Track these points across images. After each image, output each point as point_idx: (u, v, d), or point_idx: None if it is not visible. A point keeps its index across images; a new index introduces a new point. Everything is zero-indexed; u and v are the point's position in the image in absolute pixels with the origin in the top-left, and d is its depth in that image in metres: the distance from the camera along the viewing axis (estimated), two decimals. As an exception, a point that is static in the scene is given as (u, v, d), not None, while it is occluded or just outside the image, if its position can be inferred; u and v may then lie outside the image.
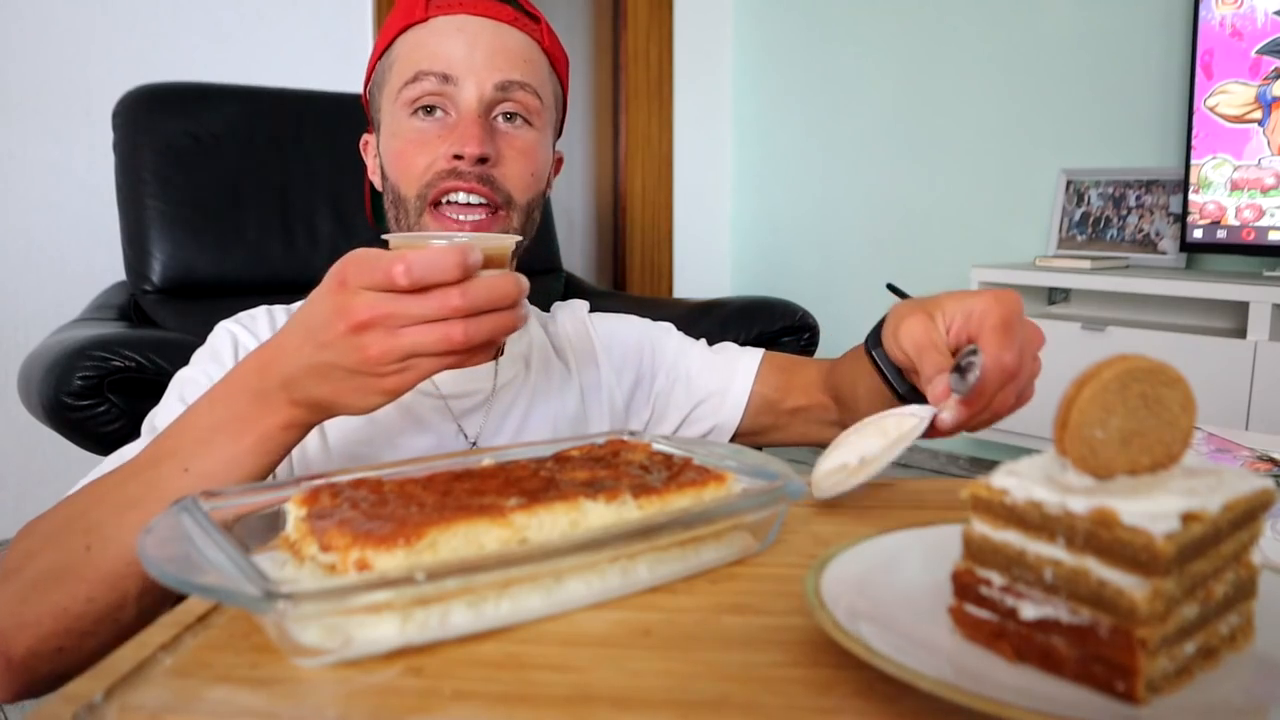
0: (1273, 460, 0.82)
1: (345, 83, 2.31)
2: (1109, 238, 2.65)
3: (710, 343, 1.03)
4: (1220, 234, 2.31)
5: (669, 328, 1.03)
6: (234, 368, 0.64)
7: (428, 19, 0.82)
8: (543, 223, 1.20)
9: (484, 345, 0.57)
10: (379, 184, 0.88)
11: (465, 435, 0.87)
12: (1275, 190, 2.22)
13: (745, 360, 0.97)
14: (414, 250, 0.55)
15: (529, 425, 0.90)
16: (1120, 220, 2.62)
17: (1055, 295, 2.65)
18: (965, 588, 0.42)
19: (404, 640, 0.42)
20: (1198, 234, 2.34)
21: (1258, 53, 2.23)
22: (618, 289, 3.48)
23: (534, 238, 0.88)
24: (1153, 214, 2.57)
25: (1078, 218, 2.71)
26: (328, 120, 1.83)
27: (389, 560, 0.42)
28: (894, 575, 0.47)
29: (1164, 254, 2.54)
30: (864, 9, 3.18)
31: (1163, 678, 0.38)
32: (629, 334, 1.00)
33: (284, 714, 0.38)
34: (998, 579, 0.41)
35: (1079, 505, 0.38)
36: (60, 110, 2.32)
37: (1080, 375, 0.39)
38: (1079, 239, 2.71)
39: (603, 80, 3.67)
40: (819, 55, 3.32)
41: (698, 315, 1.97)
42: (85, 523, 0.62)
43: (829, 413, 0.92)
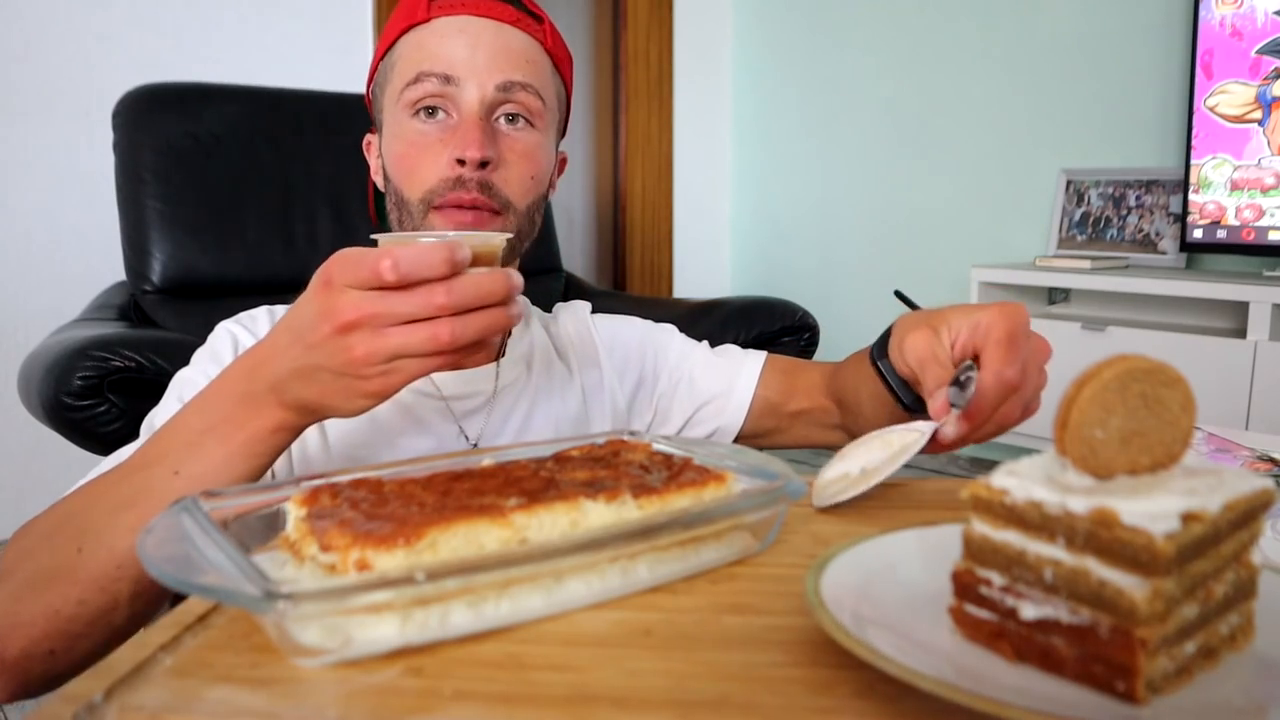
0: (1273, 460, 0.82)
1: (345, 83, 2.31)
2: (1109, 238, 2.65)
3: (711, 343, 1.03)
4: (1220, 234, 2.31)
5: (672, 329, 1.03)
6: (224, 370, 0.64)
7: (430, 19, 0.81)
8: (543, 223, 1.20)
9: (473, 345, 0.56)
10: (381, 185, 0.88)
11: (467, 437, 0.86)
12: (1275, 190, 2.22)
13: (748, 363, 0.97)
14: (402, 246, 0.54)
15: (531, 427, 0.90)
16: (1120, 220, 2.62)
17: (1055, 295, 2.65)
18: (965, 588, 0.42)
19: (404, 640, 0.42)
20: (1198, 234, 2.34)
21: (1258, 53, 2.23)
22: (618, 289, 3.48)
23: (535, 239, 0.88)
24: (1153, 214, 2.57)
25: (1078, 218, 2.71)
26: (328, 120, 1.83)
27: (389, 560, 0.42)
28: (894, 575, 0.47)
29: (1164, 254, 2.54)
30: (864, 9, 3.18)
31: (1163, 678, 0.38)
32: (631, 335, 1.00)
33: (284, 714, 0.38)
34: (998, 579, 0.41)
35: (1079, 505, 0.38)
36: (60, 110, 2.32)
37: (1080, 375, 0.39)
38: (1079, 239, 2.71)
39: (603, 80, 3.68)
40: (819, 55, 3.32)
41: (698, 315, 1.97)
42: (77, 525, 0.62)
43: (831, 416, 0.92)
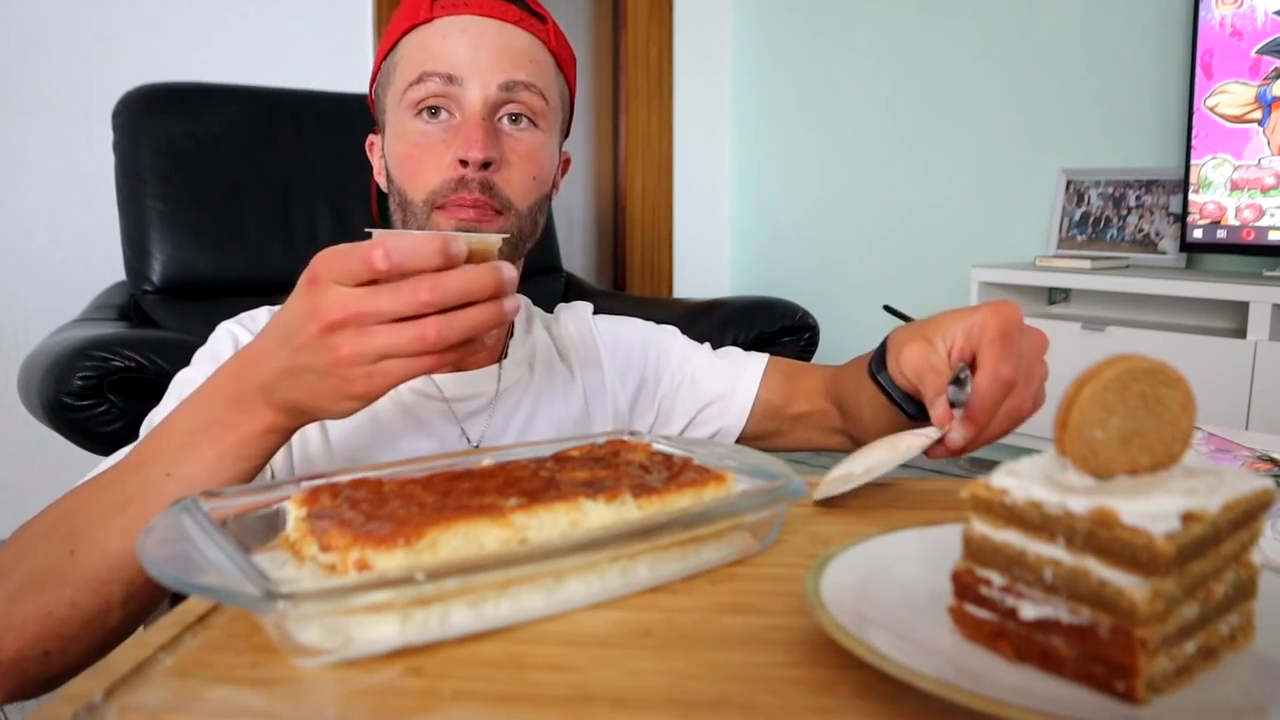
0: (1273, 460, 0.82)
1: (345, 83, 2.31)
2: (1109, 238, 2.65)
3: (711, 344, 1.03)
4: (1220, 234, 2.31)
5: (674, 331, 1.03)
6: (215, 371, 0.63)
7: (432, 19, 0.81)
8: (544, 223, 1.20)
9: (462, 344, 0.55)
10: (385, 186, 0.88)
11: (469, 439, 0.86)
12: (1275, 190, 2.22)
13: (751, 365, 0.97)
14: (395, 235, 0.53)
15: (532, 429, 0.90)
16: (1120, 220, 2.62)
17: (1055, 295, 2.65)
18: (965, 588, 0.42)
19: (404, 640, 0.42)
20: (1198, 234, 2.34)
21: (1258, 53, 2.23)
22: (618, 289, 3.48)
23: (537, 239, 0.88)
24: (1153, 214, 2.57)
25: (1078, 218, 2.71)
26: (328, 120, 1.83)
27: (389, 560, 0.42)
28: (894, 575, 0.47)
29: (1164, 254, 2.54)
30: (864, 9, 3.18)
31: (1163, 678, 0.38)
32: (633, 337, 1.00)
33: (284, 714, 0.38)
34: (998, 579, 0.41)
35: (1079, 505, 0.38)
36: (60, 110, 2.32)
37: (1080, 375, 0.39)
38: (1079, 239, 2.71)
39: (603, 80, 3.68)
40: (819, 55, 3.32)
41: (698, 315, 1.97)
42: (69, 526, 0.62)
43: (832, 420, 0.92)
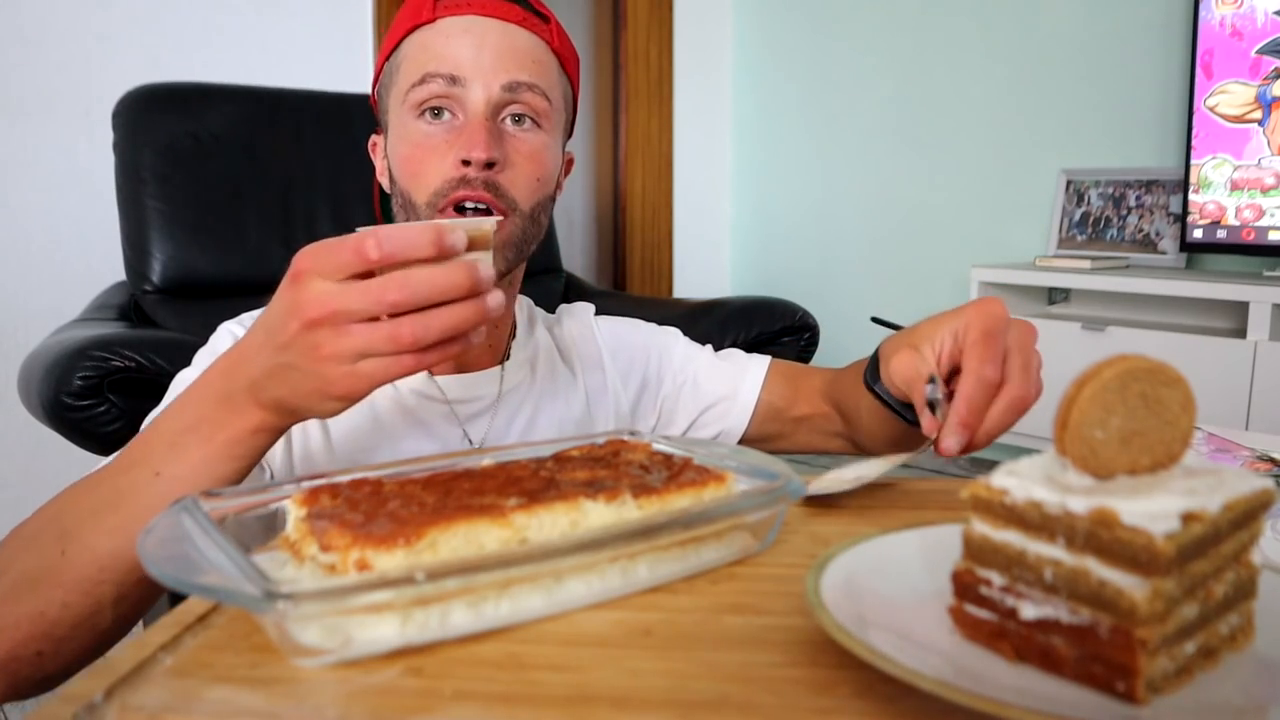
0: (1273, 460, 0.82)
1: (345, 83, 2.31)
2: (1109, 238, 2.64)
3: (710, 343, 1.03)
4: (1220, 234, 2.31)
5: (676, 333, 1.03)
6: (204, 370, 0.63)
7: (435, 20, 0.81)
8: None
9: (444, 344, 0.54)
10: (388, 186, 0.88)
11: (471, 440, 0.86)
12: (1275, 190, 2.22)
13: (753, 367, 0.97)
14: (388, 226, 0.52)
15: (535, 430, 0.90)
16: (1120, 220, 2.62)
17: (1055, 295, 2.65)
18: (965, 588, 0.42)
19: (404, 640, 0.42)
20: (1198, 234, 2.34)
21: (1258, 53, 2.23)
22: (618, 289, 3.48)
23: (541, 240, 0.88)
24: (1153, 214, 2.57)
25: (1078, 218, 2.71)
26: (328, 120, 1.83)
27: (389, 560, 0.42)
28: (894, 575, 0.47)
29: (1164, 254, 2.54)
30: (864, 9, 3.18)
31: (1163, 678, 0.38)
32: (635, 338, 1.00)
33: (284, 714, 0.38)
34: (998, 579, 0.41)
35: (1079, 505, 0.38)
36: (60, 110, 2.32)
37: (1080, 375, 0.39)
38: (1079, 239, 2.70)
39: (603, 80, 3.67)
40: (819, 55, 3.32)
41: (697, 315, 1.97)
42: (60, 527, 0.62)
43: (833, 423, 0.92)
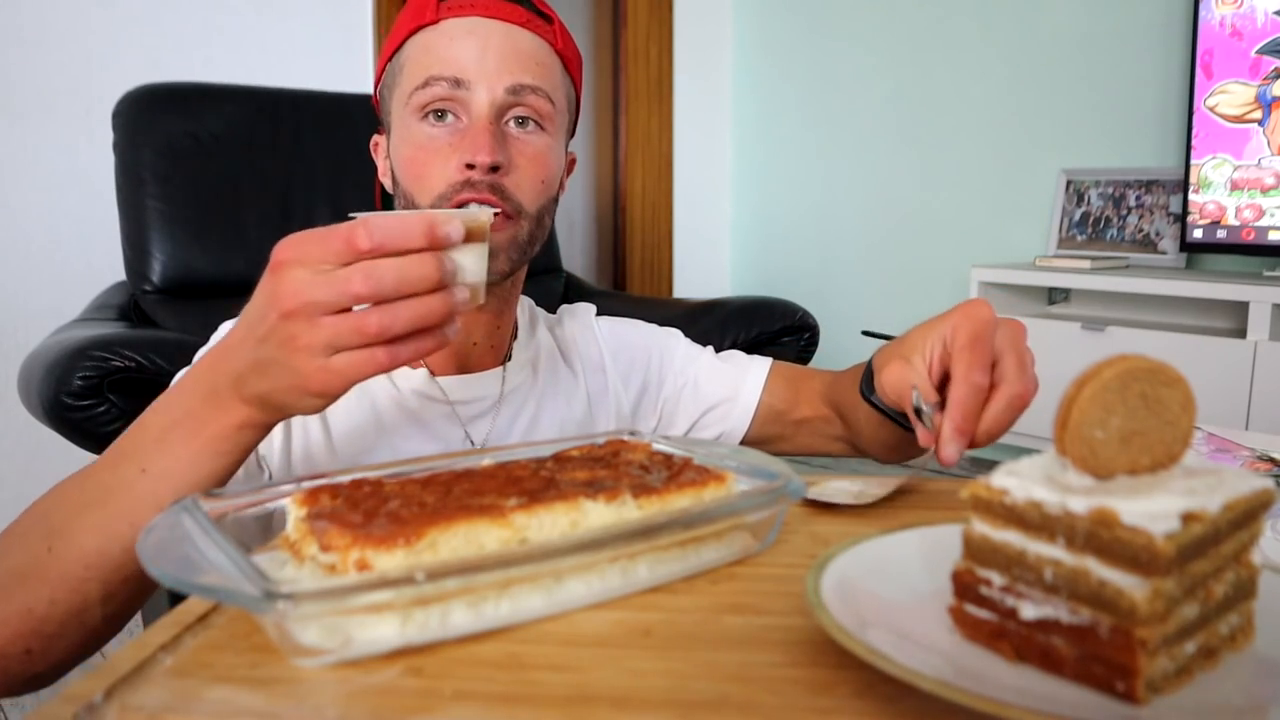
0: (1273, 460, 0.82)
1: (345, 83, 2.31)
2: (1109, 238, 2.65)
3: (710, 343, 1.03)
4: (1220, 234, 2.31)
5: (677, 334, 1.03)
6: (191, 366, 0.62)
7: (438, 21, 0.81)
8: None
9: (415, 338, 0.53)
10: (390, 186, 0.87)
11: (472, 441, 0.86)
12: (1275, 190, 2.22)
13: (754, 369, 0.97)
14: (380, 215, 0.51)
15: (536, 431, 0.90)
16: (1120, 220, 2.62)
17: (1055, 295, 2.65)
18: (965, 588, 0.42)
19: (404, 640, 0.42)
20: (1198, 234, 2.34)
21: (1258, 53, 2.23)
22: (618, 289, 3.48)
23: (544, 241, 0.88)
24: (1153, 214, 2.57)
25: (1078, 218, 2.71)
26: (328, 120, 1.83)
27: (389, 560, 0.42)
28: (894, 575, 0.47)
29: (1164, 254, 2.54)
30: (864, 9, 3.18)
31: (1163, 678, 0.38)
32: (636, 339, 1.00)
33: (284, 714, 0.38)
34: (998, 579, 0.41)
35: (1079, 505, 0.38)
36: (60, 110, 2.32)
37: (1080, 375, 0.39)
38: (1079, 239, 2.70)
39: (603, 80, 3.67)
40: (819, 55, 3.32)
41: (698, 315, 1.97)
42: (48, 523, 0.62)
43: (833, 426, 0.92)
